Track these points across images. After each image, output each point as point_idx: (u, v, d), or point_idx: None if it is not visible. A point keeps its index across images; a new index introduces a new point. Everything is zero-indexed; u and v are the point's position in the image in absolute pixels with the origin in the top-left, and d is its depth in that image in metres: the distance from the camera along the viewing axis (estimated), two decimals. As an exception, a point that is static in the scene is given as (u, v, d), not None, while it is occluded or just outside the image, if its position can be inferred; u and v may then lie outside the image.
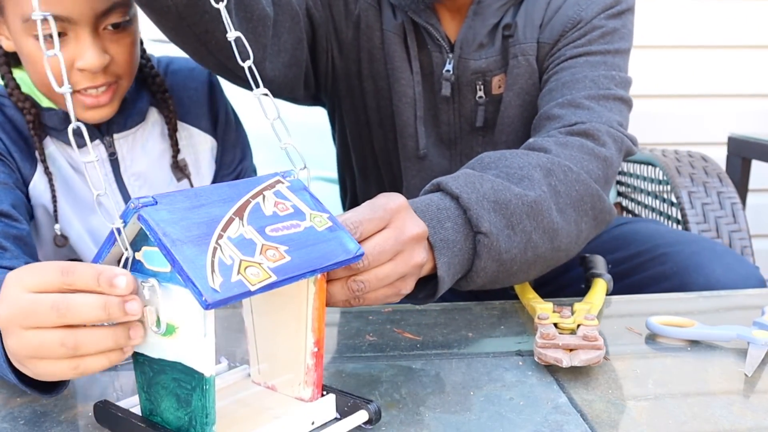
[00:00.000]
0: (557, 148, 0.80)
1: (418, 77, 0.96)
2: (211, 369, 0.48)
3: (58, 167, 0.89)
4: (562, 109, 0.87)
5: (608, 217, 0.81)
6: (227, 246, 0.47)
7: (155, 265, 0.48)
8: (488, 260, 0.69)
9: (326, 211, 0.55)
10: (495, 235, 0.69)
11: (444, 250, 0.66)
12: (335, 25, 0.97)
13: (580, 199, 0.77)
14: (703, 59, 2.06)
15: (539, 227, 0.72)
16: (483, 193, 0.70)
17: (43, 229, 0.90)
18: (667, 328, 0.73)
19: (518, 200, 0.71)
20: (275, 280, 0.48)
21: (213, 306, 0.44)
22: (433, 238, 0.65)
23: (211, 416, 0.48)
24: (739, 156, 1.80)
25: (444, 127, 0.99)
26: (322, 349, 0.55)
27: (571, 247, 0.77)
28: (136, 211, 0.46)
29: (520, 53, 0.93)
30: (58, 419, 0.57)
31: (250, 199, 0.52)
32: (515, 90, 0.95)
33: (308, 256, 0.51)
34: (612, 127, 0.85)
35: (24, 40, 0.80)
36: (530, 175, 0.74)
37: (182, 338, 0.48)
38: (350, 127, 1.05)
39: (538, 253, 0.73)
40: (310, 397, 0.56)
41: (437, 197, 0.69)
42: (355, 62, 0.99)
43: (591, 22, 0.92)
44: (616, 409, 0.58)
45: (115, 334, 0.48)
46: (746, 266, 0.92)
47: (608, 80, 0.89)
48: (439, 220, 0.67)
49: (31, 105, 0.86)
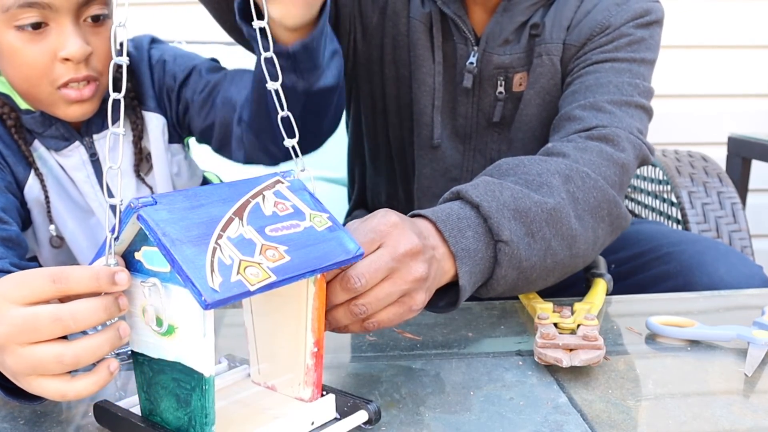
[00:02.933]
0: (576, 153, 0.80)
1: (440, 67, 0.97)
2: (211, 369, 0.48)
3: (49, 168, 0.88)
4: (583, 111, 0.87)
5: (624, 223, 0.81)
6: (227, 246, 0.47)
7: (155, 265, 0.48)
8: (509, 268, 0.69)
9: (326, 211, 0.55)
10: (515, 243, 0.69)
11: (465, 259, 0.66)
12: (361, 9, 0.98)
13: (597, 205, 0.77)
14: (704, 59, 2.06)
15: (558, 234, 0.72)
16: (503, 202, 0.70)
17: (40, 231, 0.90)
18: (667, 328, 0.73)
19: (538, 208, 0.71)
20: (275, 280, 0.48)
21: (212, 306, 0.44)
22: (455, 248, 0.65)
23: (210, 416, 0.48)
24: (739, 156, 1.80)
25: (461, 119, 1.00)
26: (322, 349, 0.55)
27: (588, 254, 0.77)
28: (135, 211, 0.46)
29: (545, 53, 0.94)
30: (58, 419, 0.57)
31: (249, 199, 0.52)
32: (536, 88, 0.95)
33: (308, 256, 0.51)
34: (632, 133, 0.85)
35: (3, 34, 0.79)
36: (549, 182, 0.74)
37: (182, 338, 0.48)
38: (366, 113, 1.06)
39: (557, 260, 0.73)
40: (310, 397, 0.55)
41: (457, 206, 0.69)
42: (378, 47, 1.00)
43: (619, 29, 0.92)
44: (616, 409, 0.58)
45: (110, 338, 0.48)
46: (750, 266, 0.92)
47: (632, 88, 0.89)
48: (460, 230, 0.66)
49: (10, 109, 0.85)
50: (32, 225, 0.89)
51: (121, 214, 0.47)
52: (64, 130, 0.87)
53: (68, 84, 0.81)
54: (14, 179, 0.86)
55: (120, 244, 0.49)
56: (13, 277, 0.47)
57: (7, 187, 0.83)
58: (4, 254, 0.73)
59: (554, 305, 0.75)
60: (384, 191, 1.11)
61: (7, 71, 0.83)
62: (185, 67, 0.95)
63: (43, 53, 0.80)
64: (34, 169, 0.86)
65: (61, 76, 0.81)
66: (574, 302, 0.78)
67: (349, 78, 1.04)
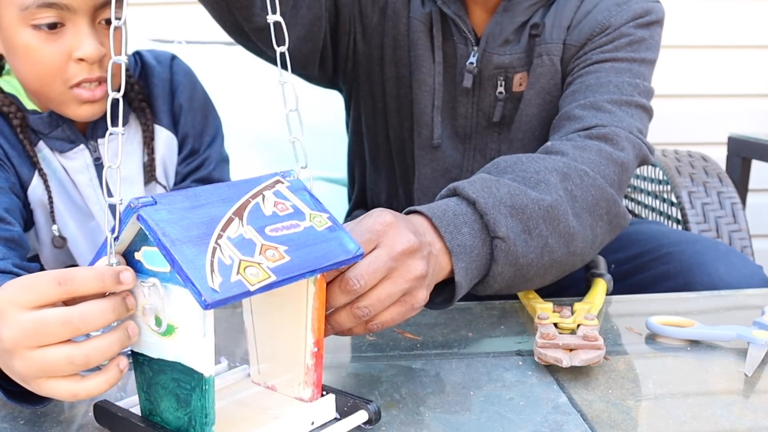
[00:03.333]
0: (574, 152, 0.80)
1: (440, 67, 0.97)
2: (211, 369, 0.48)
3: (53, 169, 0.89)
4: (583, 110, 0.87)
5: (623, 222, 0.81)
6: (227, 246, 0.47)
7: (155, 265, 0.48)
8: (505, 265, 0.69)
9: (326, 211, 0.55)
10: (512, 239, 0.68)
11: (461, 255, 0.65)
12: (361, 9, 0.98)
13: (596, 203, 0.77)
14: (704, 59, 2.06)
15: (555, 232, 0.72)
16: (500, 198, 0.69)
17: (43, 232, 0.90)
18: (667, 328, 0.73)
19: (535, 205, 0.71)
20: (275, 280, 0.47)
21: (212, 306, 0.44)
22: (450, 244, 0.65)
23: (210, 416, 0.48)
24: (739, 156, 1.80)
25: (461, 120, 1.00)
26: (322, 349, 0.55)
27: (587, 252, 0.77)
28: (135, 210, 0.46)
29: (545, 53, 0.94)
30: (58, 419, 0.57)
31: (249, 199, 0.52)
32: (536, 88, 0.95)
33: (308, 256, 0.51)
34: (632, 132, 0.85)
35: (20, 32, 0.80)
36: (546, 180, 0.74)
37: (182, 338, 0.48)
38: (366, 113, 1.06)
39: (554, 258, 0.73)
40: (310, 397, 0.55)
41: (453, 202, 0.69)
42: (378, 47, 1.00)
43: (619, 29, 0.92)
44: (616, 409, 0.58)
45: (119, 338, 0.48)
46: (750, 266, 0.92)
47: (632, 87, 0.89)
48: (456, 226, 0.66)
49: (17, 109, 0.86)
50: (35, 225, 0.89)
51: (121, 214, 0.47)
52: (70, 132, 0.88)
53: (81, 84, 0.82)
54: (18, 179, 0.86)
55: (120, 244, 0.49)
56: (18, 281, 0.47)
57: (10, 188, 0.83)
58: (6, 255, 0.74)
59: (554, 305, 0.75)
60: (384, 191, 1.11)
61: (20, 69, 0.84)
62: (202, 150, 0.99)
63: (58, 53, 0.80)
64: (38, 169, 0.87)
65: (74, 76, 0.82)
66: (574, 302, 0.78)
67: (349, 78, 1.05)
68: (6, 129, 0.86)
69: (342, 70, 1.03)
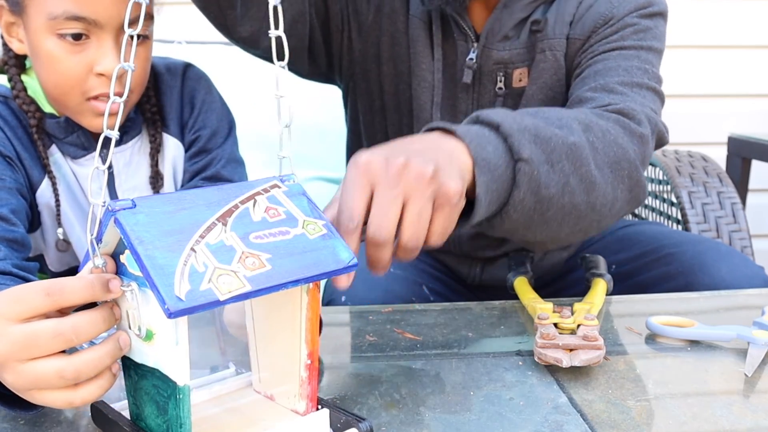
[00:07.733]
0: (594, 117, 0.78)
1: (440, 64, 0.97)
2: (185, 378, 0.46)
3: (63, 174, 0.89)
4: (594, 92, 0.86)
5: (642, 194, 0.79)
6: (203, 252, 0.45)
7: (136, 269, 0.46)
8: (527, 191, 0.67)
9: (322, 218, 0.53)
10: (535, 164, 0.66)
11: (484, 169, 0.63)
12: (356, 6, 0.98)
13: (617, 161, 0.75)
14: (704, 59, 2.06)
15: (577, 173, 0.70)
16: (524, 126, 0.68)
17: (49, 234, 0.90)
18: (667, 328, 0.73)
19: (559, 140, 0.69)
20: (249, 290, 0.45)
21: (176, 315, 0.42)
22: (475, 156, 0.62)
23: (185, 426, 0.47)
24: (739, 156, 1.80)
25: (461, 116, 0.99)
26: (315, 362, 0.53)
27: (605, 212, 0.75)
28: (112, 214, 0.45)
29: (548, 48, 0.94)
30: (58, 419, 0.57)
31: (238, 204, 0.50)
32: (539, 84, 0.95)
33: (292, 265, 0.48)
34: (645, 111, 0.84)
35: (45, 39, 0.80)
36: (569, 125, 0.72)
37: (159, 345, 0.46)
38: (364, 111, 1.06)
39: (574, 202, 0.71)
40: (305, 410, 0.54)
41: (477, 126, 0.67)
42: (374, 45, 0.99)
43: (623, 19, 0.92)
44: (616, 409, 0.58)
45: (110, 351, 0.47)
46: (751, 266, 0.92)
47: (641, 72, 0.88)
48: (479, 143, 0.64)
49: (36, 109, 0.86)
50: (41, 227, 0.90)
51: (102, 217, 0.46)
52: (84, 139, 0.88)
53: (98, 97, 0.82)
54: (28, 180, 0.86)
55: (106, 246, 0.47)
56: (7, 293, 0.47)
57: (18, 189, 0.84)
58: (7, 255, 0.74)
59: (554, 305, 0.75)
60: None
61: (41, 74, 0.84)
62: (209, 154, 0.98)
63: (79, 65, 0.81)
64: (48, 173, 0.87)
65: (93, 89, 0.82)
66: (574, 302, 0.78)
67: (345, 75, 1.04)
68: (21, 131, 0.86)
69: (337, 66, 1.03)
